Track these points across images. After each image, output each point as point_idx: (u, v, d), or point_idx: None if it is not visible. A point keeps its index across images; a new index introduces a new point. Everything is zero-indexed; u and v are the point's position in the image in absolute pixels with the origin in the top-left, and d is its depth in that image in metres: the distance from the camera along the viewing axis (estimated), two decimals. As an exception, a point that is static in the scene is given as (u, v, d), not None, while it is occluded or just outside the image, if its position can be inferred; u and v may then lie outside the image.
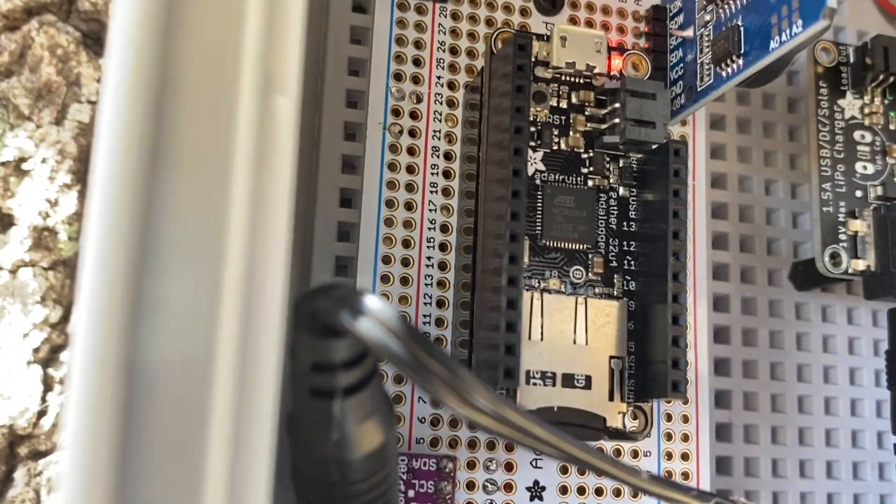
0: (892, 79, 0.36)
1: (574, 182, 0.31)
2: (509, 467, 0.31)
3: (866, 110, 0.37)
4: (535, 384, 0.28)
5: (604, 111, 0.31)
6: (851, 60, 0.37)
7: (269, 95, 0.19)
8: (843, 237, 0.35)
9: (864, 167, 0.36)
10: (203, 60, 0.19)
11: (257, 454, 0.18)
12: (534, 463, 0.31)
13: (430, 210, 0.32)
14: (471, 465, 0.31)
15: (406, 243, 0.32)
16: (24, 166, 0.40)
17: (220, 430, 0.18)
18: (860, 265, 0.35)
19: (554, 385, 0.28)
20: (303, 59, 0.19)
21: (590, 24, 0.35)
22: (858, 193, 0.36)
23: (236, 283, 0.18)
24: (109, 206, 0.18)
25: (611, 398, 0.29)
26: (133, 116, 0.18)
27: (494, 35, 0.31)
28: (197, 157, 0.19)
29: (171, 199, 0.19)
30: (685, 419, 0.33)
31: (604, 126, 0.31)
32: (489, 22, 0.34)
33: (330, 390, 0.20)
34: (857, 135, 0.36)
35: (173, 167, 0.19)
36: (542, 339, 0.29)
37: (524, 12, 0.34)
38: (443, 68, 0.33)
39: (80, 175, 0.40)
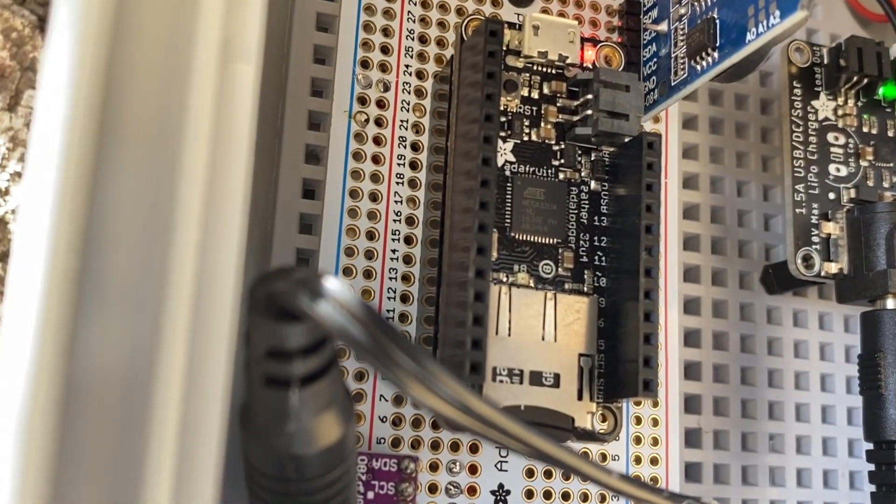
0: (865, 80, 0.36)
1: (545, 174, 0.30)
2: (473, 470, 0.30)
3: (840, 112, 0.36)
4: (501, 381, 0.27)
5: (576, 102, 0.30)
6: (825, 61, 0.37)
7: (227, 63, 0.18)
8: (815, 239, 0.35)
9: (838, 169, 0.36)
10: (157, 26, 0.18)
11: (204, 449, 0.17)
12: (498, 465, 0.30)
13: (396, 202, 0.31)
14: (433, 467, 0.30)
15: (370, 235, 0.31)
16: (-27, 154, 0.38)
17: (164, 421, 0.17)
18: (833, 268, 0.35)
19: (521, 383, 0.27)
20: (265, 25, 0.18)
21: (562, 16, 0.34)
22: (831, 196, 0.35)
23: (187, 260, 0.17)
24: (51, 180, 0.17)
25: (579, 397, 0.28)
26: (79, 83, 0.17)
27: (465, 22, 0.30)
28: (148, 129, 0.18)
29: (119, 174, 0.18)
30: (654, 422, 0.32)
31: (576, 118, 0.30)
32: (460, 11, 0.33)
33: (286, 379, 0.19)
34: (830, 136, 0.36)
35: (122, 141, 0.18)
36: (509, 335, 0.28)
37: (496, 3, 0.34)
38: (411, 57, 0.32)
39: (32, 164, 0.38)
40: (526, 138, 0.30)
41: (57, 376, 0.16)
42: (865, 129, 0.37)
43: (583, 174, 0.30)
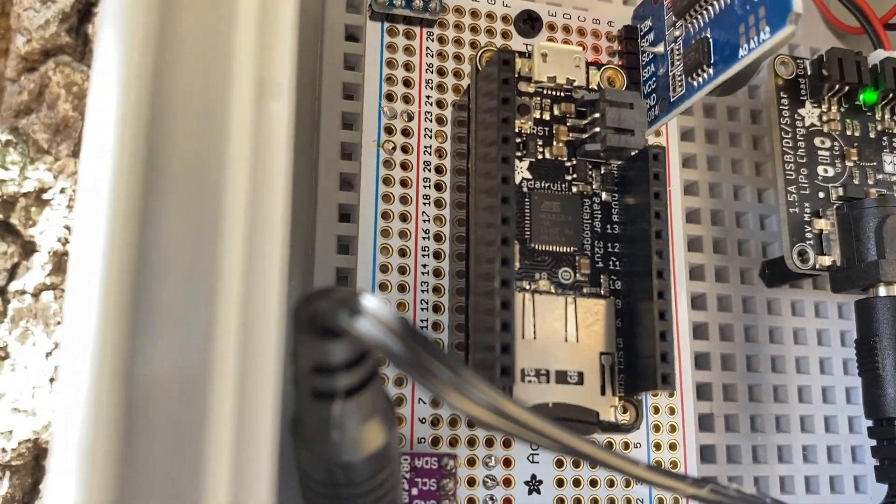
0: (847, 88, 0.35)
1: (559, 189, 0.28)
2: (507, 463, 0.29)
3: (824, 118, 0.35)
4: (529, 381, 0.26)
5: (584, 121, 0.29)
6: (809, 72, 0.35)
7: (262, 100, 0.17)
8: (809, 235, 0.33)
9: (826, 170, 0.34)
10: (195, 68, 0.17)
11: (259, 460, 0.16)
12: (531, 458, 0.29)
13: (424, 221, 0.30)
14: (471, 462, 0.28)
15: (402, 252, 0.29)
16: (45, 196, 0.37)
17: (220, 435, 0.16)
18: (826, 261, 0.33)
19: (548, 382, 0.26)
20: (295, 64, 0.17)
21: (566, 44, 0.33)
22: (821, 195, 0.34)
23: (233, 286, 0.16)
24: (102, 216, 0.15)
25: (602, 392, 0.27)
26: (124, 124, 0.16)
27: (479, 54, 0.29)
28: (191, 163, 0.17)
29: (166, 207, 0.16)
30: (671, 411, 0.31)
31: (585, 135, 0.29)
32: (473, 44, 0.32)
33: (331, 392, 0.18)
34: (817, 141, 0.34)
35: (168, 175, 0.17)
36: (535, 338, 0.26)
37: (505, 35, 0.32)
38: (431, 88, 0.31)
39: (97, 203, 0.38)
40: (540, 156, 0.29)
41: (117, 396, 0.15)
42: (849, 133, 0.35)
43: (594, 186, 0.29)
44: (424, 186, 0.30)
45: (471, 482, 0.28)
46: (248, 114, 0.17)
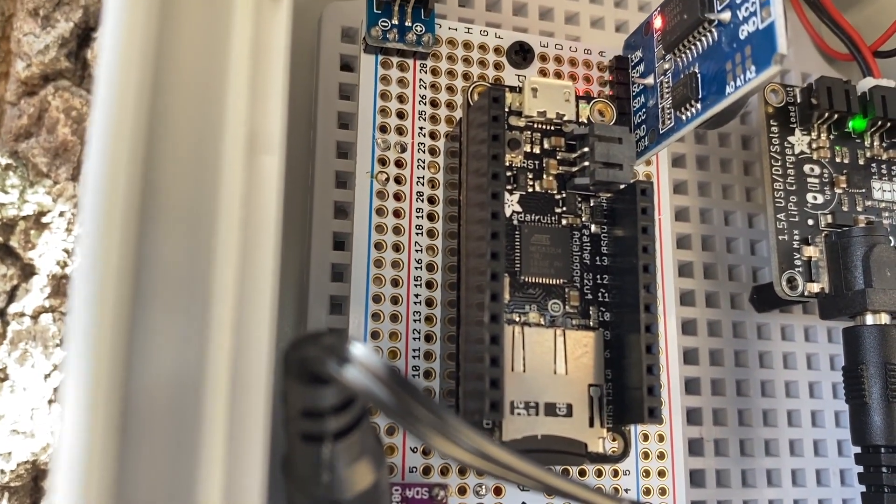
0: (835, 116, 0.35)
1: (549, 221, 0.29)
2: (498, 491, 0.29)
3: (814, 145, 0.35)
4: (519, 414, 0.26)
5: (574, 155, 0.29)
6: (798, 100, 0.36)
7: (253, 154, 0.17)
8: (798, 262, 0.34)
9: (815, 197, 0.35)
10: (188, 123, 0.17)
11: (251, 472, 0.17)
12: (521, 486, 0.29)
13: (417, 251, 0.30)
14: (462, 491, 0.29)
15: (395, 282, 0.30)
16: (44, 220, 0.38)
17: (213, 446, 0.16)
18: (815, 288, 0.33)
19: (537, 414, 0.26)
20: (285, 119, 0.18)
21: (558, 75, 0.33)
22: (810, 222, 0.34)
23: (223, 334, 0.17)
24: (95, 267, 0.16)
25: (591, 424, 0.27)
26: (119, 176, 0.16)
27: (470, 88, 0.29)
28: (183, 214, 0.17)
29: (159, 254, 0.17)
30: (660, 438, 0.31)
31: (574, 169, 0.29)
32: (466, 76, 0.32)
33: (320, 435, 0.19)
34: (806, 168, 0.35)
35: (160, 223, 0.17)
36: (524, 371, 0.27)
37: (497, 66, 0.33)
38: (424, 119, 0.31)
39: (95, 226, 0.38)
40: (530, 189, 0.29)
41: (113, 406, 0.16)
42: (838, 160, 0.35)
43: (583, 219, 0.29)
44: (417, 217, 0.31)
45: (461, 510, 0.29)
46: (239, 168, 0.17)
